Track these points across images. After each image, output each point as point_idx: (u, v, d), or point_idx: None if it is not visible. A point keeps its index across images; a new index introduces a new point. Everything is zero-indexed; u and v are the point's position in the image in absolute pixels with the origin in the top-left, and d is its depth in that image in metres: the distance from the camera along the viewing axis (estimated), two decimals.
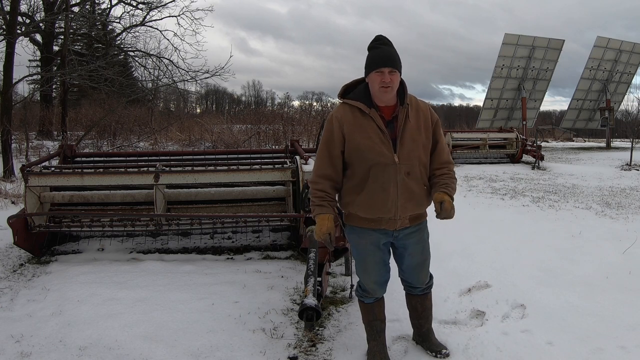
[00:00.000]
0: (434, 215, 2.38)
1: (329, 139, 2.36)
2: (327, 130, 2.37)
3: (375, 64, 2.25)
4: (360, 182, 2.32)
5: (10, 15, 9.25)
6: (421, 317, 2.71)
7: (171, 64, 15.34)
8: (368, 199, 2.31)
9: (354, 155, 2.32)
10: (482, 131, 13.72)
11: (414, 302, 2.69)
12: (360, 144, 2.28)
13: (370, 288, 2.51)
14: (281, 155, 5.46)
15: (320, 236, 2.35)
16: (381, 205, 2.31)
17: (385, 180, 2.29)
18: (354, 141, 2.30)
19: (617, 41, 17.30)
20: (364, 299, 2.58)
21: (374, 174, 2.29)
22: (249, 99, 56.97)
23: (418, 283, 2.61)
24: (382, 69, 2.24)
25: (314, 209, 2.37)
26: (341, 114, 2.34)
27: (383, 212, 2.32)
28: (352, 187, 2.37)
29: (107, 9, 18.02)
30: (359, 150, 2.29)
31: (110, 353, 2.65)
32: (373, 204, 2.31)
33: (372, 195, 2.30)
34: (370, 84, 2.31)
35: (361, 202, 2.33)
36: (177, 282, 3.64)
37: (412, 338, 2.81)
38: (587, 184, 8.43)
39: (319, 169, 2.38)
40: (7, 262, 4.17)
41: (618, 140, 22.55)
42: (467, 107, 62.39)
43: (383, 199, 2.30)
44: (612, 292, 3.38)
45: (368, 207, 2.33)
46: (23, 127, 12.47)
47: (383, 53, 2.26)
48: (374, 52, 2.28)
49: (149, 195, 4.38)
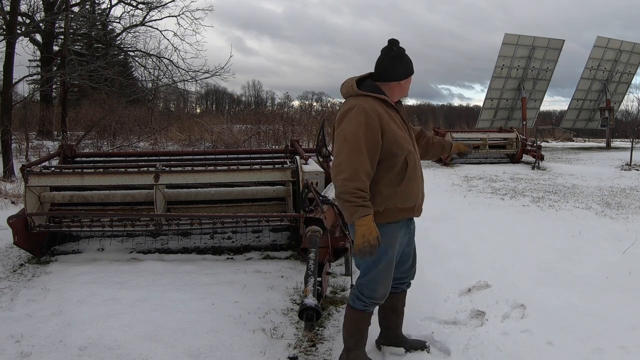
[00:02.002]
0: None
1: (366, 131, 2.16)
2: (362, 123, 2.17)
3: (412, 71, 2.38)
4: (400, 172, 2.29)
5: (10, 15, 9.25)
6: (399, 316, 2.69)
7: (171, 64, 15.35)
8: (408, 187, 2.31)
9: (394, 146, 2.24)
10: (482, 131, 13.71)
11: (395, 300, 2.63)
12: (398, 134, 2.27)
13: (386, 292, 2.40)
14: (281, 155, 5.46)
15: (370, 240, 2.10)
16: (417, 192, 2.38)
17: (418, 167, 2.38)
18: (391, 131, 2.24)
19: (617, 41, 17.30)
20: (368, 308, 2.42)
21: (410, 162, 2.31)
22: (249, 99, 56.97)
23: (411, 276, 2.64)
24: (412, 76, 2.39)
25: (357, 211, 2.11)
26: (370, 105, 2.23)
27: (418, 198, 2.40)
28: (391, 179, 2.28)
29: (107, 9, 18.05)
30: (395, 141, 2.25)
31: (110, 353, 2.65)
32: (411, 191, 2.33)
33: (410, 182, 2.32)
34: (400, 87, 2.37)
35: (402, 192, 2.30)
36: (177, 282, 3.64)
37: (378, 343, 2.74)
38: (587, 184, 8.43)
39: (360, 165, 2.14)
40: (7, 262, 4.17)
41: (618, 140, 22.53)
42: (467, 107, 62.43)
43: (418, 185, 2.38)
44: (612, 292, 3.38)
45: (407, 197, 2.33)
46: (23, 127, 12.48)
47: (411, 61, 2.38)
48: (408, 59, 2.36)
49: (149, 195, 4.38)
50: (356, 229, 2.12)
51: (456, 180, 8.93)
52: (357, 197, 2.11)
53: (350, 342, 2.48)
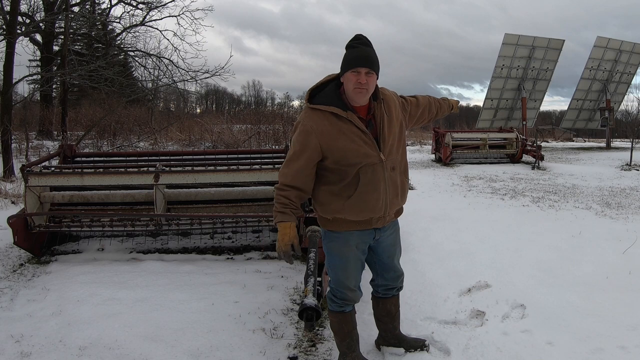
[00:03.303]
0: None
1: (301, 150, 2.19)
2: (299, 142, 2.19)
3: (353, 63, 2.13)
4: (349, 185, 2.23)
5: (10, 15, 9.25)
6: (395, 318, 2.68)
7: (171, 64, 15.39)
8: (359, 201, 2.23)
9: (339, 162, 2.20)
10: (482, 131, 13.71)
11: (388, 305, 2.63)
12: (344, 149, 2.17)
13: (352, 295, 2.43)
14: (281, 155, 5.46)
15: (282, 246, 2.21)
16: (373, 205, 2.26)
17: (375, 180, 2.23)
18: (337, 148, 2.17)
19: (617, 41, 17.29)
20: (344, 308, 2.47)
21: (364, 176, 2.21)
22: (248, 99, 57.02)
23: (397, 282, 2.58)
24: (359, 69, 2.13)
25: (276, 216, 2.24)
26: (314, 123, 2.17)
27: (375, 212, 2.28)
28: (338, 191, 2.25)
29: (107, 9, 18.08)
30: (344, 157, 2.18)
31: (110, 353, 2.65)
32: (365, 205, 2.25)
33: (363, 196, 2.23)
34: (345, 84, 2.19)
35: (351, 205, 2.24)
36: (177, 282, 3.64)
37: (378, 343, 2.76)
38: (587, 184, 8.43)
39: (287, 177, 2.23)
40: (7, 262, 4.17)
41: (618, 140, 22.53)
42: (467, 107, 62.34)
43: (375, 199, 2.25)
44: (612, 292, 3.37)
45: (360, 210, 2.25)
46: (23, 127, 12.49)
47: (361, 53, 2.15)
48: (351, 51, 2.16)
49: (149, 195, 4.38)
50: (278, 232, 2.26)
51: (456, 180, 8.94)
52: (279, 203, 2.25)
53: (342, 347, 2.52)
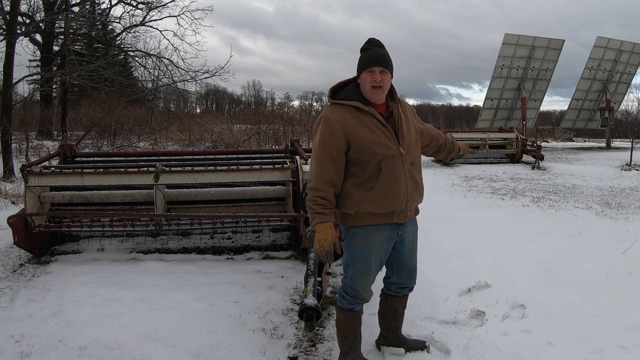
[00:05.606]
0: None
1: (329, 141, 2.26)
2: (325, 132, 2.27)
3: (367, 64, 2.28)
4: (371, 177, 2.28)
5: (10, 15, 9.25)
6: (399, 318, 2.69)
7: (171, 64, 15.37)
8: (381, 193, 2.28)
9: (362, 152, 2.26)
10: (482, 131, 13.73)
11: (397, 304, 2.64)
12: (367, 139, 2.25)
13: (365, 294, 2.43)
14: (281, 155, 5.46)
15: (325, 246, 2.23)
16: (395, 198, 2.31)
17: (396, 172, 2.29)
18: (360, 138, 2.25)
19: (617, 41, 17.30)
20: (354, 307, 2.47)
21: (385, 167, 2.27)
22: (248, 99, 57.08)
23: (411, 281, 2.60)
24: (374, 68, 2.26)
25: (315, 217, 2.25)
26: (338, 114, 2.28)
27: (396, 205, 2.32)
28: (360, 184, 2.30)
29: (107, 9, 18.07)
30: (366, 147, 2.25)
31: (110, 353, 2.65)
32: (386, 197, 2.29)
33: (385, 188, 2.28)
34: (362, 84, 2.31)
35: (373, 197, 2.28)
36: (177, 282, 3.64)
37: (378, 343, 2.75)
38: (587, 184, 8.43)
39: (322, 173, 2.26)
40: (7, 262, 4.17)
41: (618, 140, 22.55)
42: (467, 107, 62.45)
43: (396, 191, 2.30)
44: (612, 292, 3.38)
45: (381, 202, 2.29)
46: (23, 127, 12.49)
47: (375, 53, 2.30)
48: (365, 53, 2.31)
49: (149, 195, 4.38)
50: (316, 234, 2.26)
51: (456, 180, 8.94)
52: (316, 204, 2.25)
53: (345, 345, 2.52)
